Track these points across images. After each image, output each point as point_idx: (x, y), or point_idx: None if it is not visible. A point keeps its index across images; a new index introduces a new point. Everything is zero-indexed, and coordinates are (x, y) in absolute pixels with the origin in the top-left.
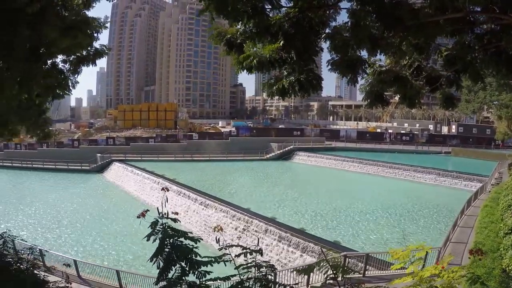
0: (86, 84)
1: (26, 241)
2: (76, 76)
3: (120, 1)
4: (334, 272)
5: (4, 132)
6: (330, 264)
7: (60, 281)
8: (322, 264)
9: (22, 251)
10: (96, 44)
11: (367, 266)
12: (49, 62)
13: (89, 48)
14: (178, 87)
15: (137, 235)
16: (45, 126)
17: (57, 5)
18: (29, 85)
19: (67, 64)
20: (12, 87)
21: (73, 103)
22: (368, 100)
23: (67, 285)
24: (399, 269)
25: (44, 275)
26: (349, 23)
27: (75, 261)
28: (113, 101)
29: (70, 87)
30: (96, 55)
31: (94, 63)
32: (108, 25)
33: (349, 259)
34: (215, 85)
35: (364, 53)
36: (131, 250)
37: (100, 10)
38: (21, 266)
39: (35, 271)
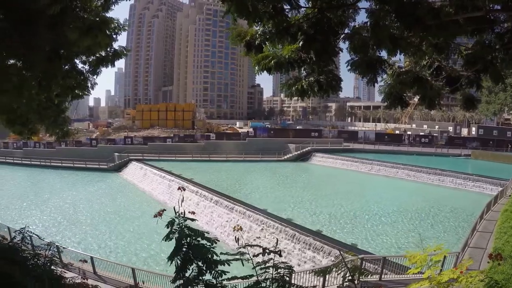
0: (105, 84)
1: (43, 238)
2: (95, 76)
3: (138, 2)
4: (352, 274)
5: (24, 130)
6: (348, 266)
7: (76, 277)
8: (340, 266)
9: (40, 247)
10: (115, 46)
11: (384, 270)
12: (68, 63)
13: (108, 49)
14: (195, 88)
15: (153, 234)
16: (64, 125)
17: (76, 7)
18: (49, 85)
19: (87, 65)
20: (32, 88)
21: (91, 102)
22: (388, 101)
23: (83, 281)
24: (416, 273)
25: (61, 271)
26: (369, 23)
27: (91, 257)
28: (131, 101)
29: (89, 88)
30: (115, 56)
31: (113, 64)
32: (126, 27)
33: (366, 262)
34: (232, 86)
35: (383, 54)
36: (146, 249)
37: (117, 12)
38: (39, 261)
39: (52, 267)
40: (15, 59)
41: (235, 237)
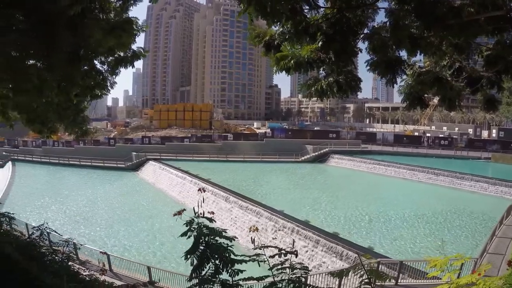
0: (123, 84)
1: (61, 235)
2: (114, 77)
3: (155, 3)
4: (370, 277)
5: (43, 129)
6: (367, 269)
7: (92, 274)
8: (357, 268)
9: (58, 243)
10: (134, 46)
11: (400, 274)
12: (88, 64)
13: (127, 50)
14: (213, 88)
15: (170, 233)
16: (83, 124)
17: (95, 8)
18: (69, 86)
19: (105, 65)
20: (52, 88)
21: (109, 102)
22: (407, 102)
23: (99, 277)
24: (433, 278)
25: (78, 268)
26: (388, 23)
27: (107, 255)
28: (149, 101)
29: (109, 88)
30: (134, 57)
31: (132, 65)
32: (145, 28)
33: (382, 266)
34: (250, 86)
35: (403, 54)
36: (162, 247)
37: (135, 13)
38: (56, 257)
39: (70, 263)
40: (35, 60)
41: (251, 237)
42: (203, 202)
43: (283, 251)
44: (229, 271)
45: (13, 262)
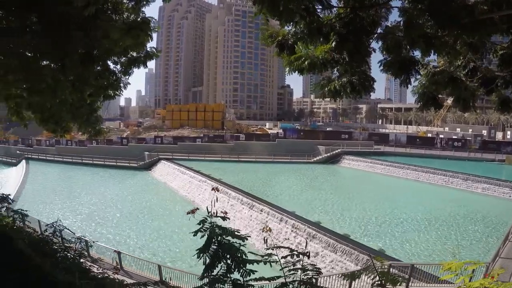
0: (136, 84)
1: (74, 232)
2: (127, 77)
3: (167, 4)
4: (382, 279)
5: (57, 129)
6: (379, 272)
7: (103, 271)
8: (370, 271)
9: (70, 241)
10: (147, 47)
11: (411, 278)
12: (101, 64)
13: (140, 51)
14: (225, 88)
15: (181, 232)
16: (97, 124)
17: (108, 9)
18: (82, 86)
19: (118, 66)
20: (65, 88)
21: (122, 102)
22: (421, 103)
23: (111, 275)
24: (445, 282)
25: (89, 265)
26: (402, 22)
27: (118, 252)
28: (161, 101)
29: (122, 88)
30: (147, 57)
31: (145, 65)
32: (157, 28)
33: (393, 269)
34: (262, 87)
35: (416, 53)
36: (173, 246)
37: (147, 14)
38: (68, 254)
39: (81, 260)
40: (49, 60)
41: (264, 238)
42: (217, 201)
43: (295, 252)
44: (241, 271)
45: (25, 258)
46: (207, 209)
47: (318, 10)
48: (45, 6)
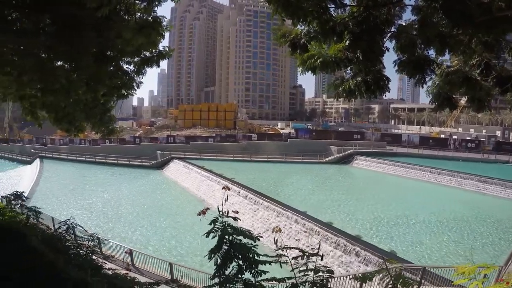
0: (148, 84)
1: (86, 230)
2: (140, 77)
3: (178, 5)
4: (395, 282)
5: (71, 128)
6: (392, 274)
7: (116, 269)
8: (383, 273)
9: (83, 238)
10: (159, 46)
11: (423, 281)
12: (114, 64)
13: (153, 50)
14: (237, 88)
15: (193, 231)
16: (110, 124)
17: (121, 10)
18: (96, 86)
19: (131, 66)
20: (79, 88)
21: (135, 102)
22: (436, 103)
23: (124, 272)
24: (458, 286)
25: (102, 262)
26: (416, 21)
27: (130, 250)
28: (174, 101)
29: (135, 87)
30: (160, 56)
31: (158, 64)
32: (169, 28)
33: (404, 271)
34: (274, 86)
35: (430, 53)
36: (184, 244)
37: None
38: (81, 251)
39: (94, 257)
40: (62, 61)
41: (274, 238)
42: (227, 200)
43: (306, 253)
44: (252, 271)
45: (39, 254)
46: (218, 208)
47: (331, 9)
48: (58, 8)
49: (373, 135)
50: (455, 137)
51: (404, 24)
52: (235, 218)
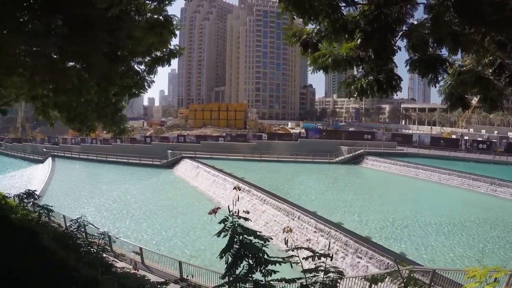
0: (159, 84)
1: (98, 228)
2: (151, 76)
3: (188, 6)
4: (407, 285)
5: (82, 127)
6: (403, 276)
7: (126, 266)
8: (394, 275)
9: (94, 236)
10: (170, 45)
11: (432, 283)
12: (125, 64)
13: (164, 49)
14: (247, 88)
15: (202, 229)
16: (121, 123)
17: (131, 10)
18: (107, 86)
19: (142, 65)
20: (91, 88)
21: (146, 102)
22: (449, 104)
23: (134, 271)
24: None
25: (112, 260)
26: (428, 19)
27: (140, 248)
28: (184, 101)
29: (146, 87)
30: (171, 55)
31: (169, 63)
32: (180, 27)
33: (413, 274)
34: (284, 86)
35: (442, 52)
36: (194, 243)
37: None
38: (92, 249)
39: (104, 255)
40: (74, 61)
41: (285, 238)
42: (238, 200)
43: (317, 254)
44: (263, 271)
45: (50, 252)
46: (229, 208)
47: (342, 8)
48: (69, 9)
49: (384, 135)
50: (466, 137)
51: (415, 22)
52: (245, 219)
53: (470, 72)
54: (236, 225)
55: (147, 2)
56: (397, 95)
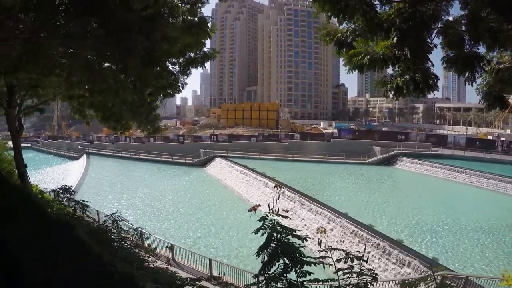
0: (191, 84)
1: (132, 224)
2: (185, 77)
3: (219, 7)
4: None
5: (117, 126)
6: (438, 282)
7: (157, 262)
8: (428, 281)
9: (127, 231)
10: (204, 48)
11: None
12: (160, 65)
13: (197, 52)
14: (279, 88)
15: (234, 228)
16: (155, 122)
17: (165, 12)
18: (143, 86)
19: (177, 66)
20: (127, 89)
21: (178, 101)
22: (486, 103)
23: (166, 266)
24: None
25: (144, 256)
26: (464, 16)
27: (171, 245)
28: (217, 101)
29: (180, 87)
30: (204, 57)
31: (203, 65)
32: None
33: (445, 280)
34: (316, 86)
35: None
36: (225, 242)
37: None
38: (125, 244)
39: (137, 250)
40: (110, 63)
41: (318, 239)
42: (278, 199)
43: (351, 255)
44: (297, 271)
45: (87, 246)
46: (269, 206)
47: (377, 6)
48: (105, 11)
49: (418, 136)
50: (503, 138)
51: (451, 19)
52: (285, 217)
53: (509, 69)
54: (275, 223)
55: (180, 4)
56: (433, 94)
